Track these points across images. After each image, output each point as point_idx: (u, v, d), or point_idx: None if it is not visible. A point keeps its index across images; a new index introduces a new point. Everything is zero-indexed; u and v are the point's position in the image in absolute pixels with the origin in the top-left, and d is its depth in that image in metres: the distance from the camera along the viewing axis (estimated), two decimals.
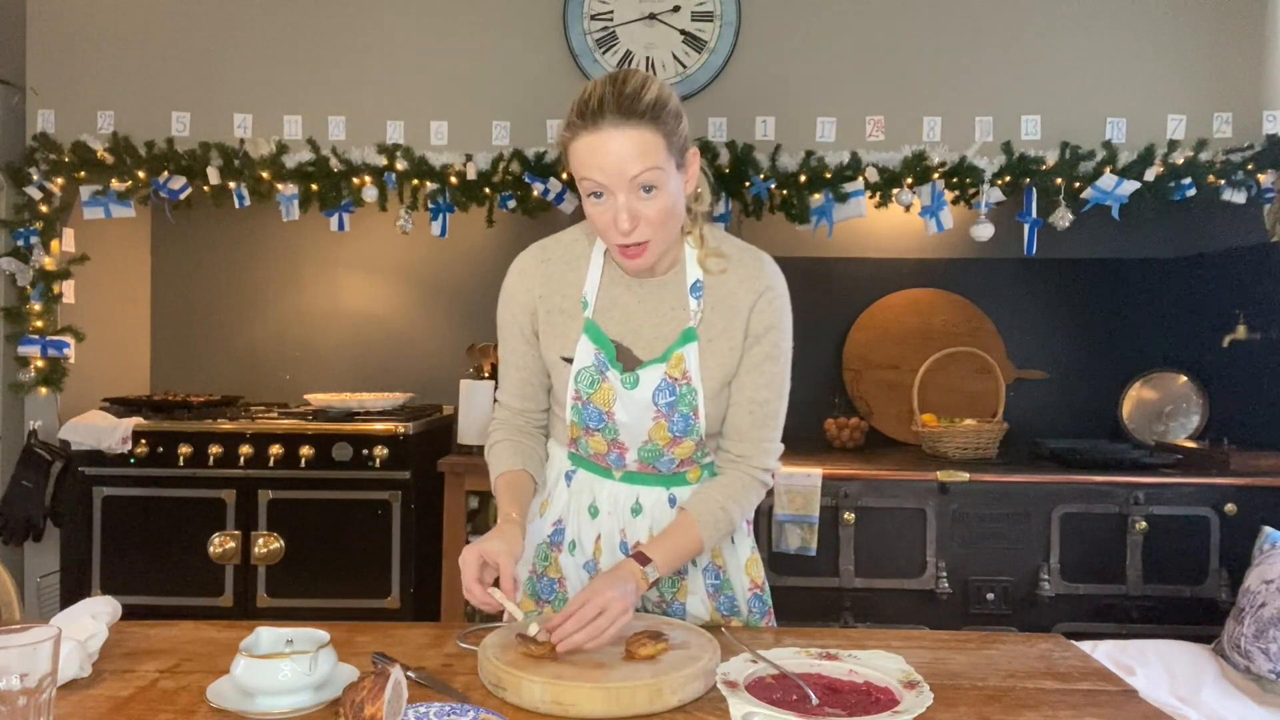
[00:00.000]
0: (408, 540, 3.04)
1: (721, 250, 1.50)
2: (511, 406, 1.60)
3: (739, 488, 1.50)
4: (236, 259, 3.74)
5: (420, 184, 3.18)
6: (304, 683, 1.15)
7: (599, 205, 1.36)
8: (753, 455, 1.51)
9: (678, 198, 1.40)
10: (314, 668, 1.16)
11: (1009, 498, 2.84)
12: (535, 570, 1.63)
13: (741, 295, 1.48)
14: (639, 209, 1.35)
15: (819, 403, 3.50)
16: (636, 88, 1.34)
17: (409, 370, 3.69)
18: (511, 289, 1.55)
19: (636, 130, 1.33)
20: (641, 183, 1.34)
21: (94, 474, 3.05)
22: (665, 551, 1.42)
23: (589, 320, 1.48)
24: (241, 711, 1.15)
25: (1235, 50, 3.18)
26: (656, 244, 1.40)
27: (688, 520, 1.46)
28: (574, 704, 1.15)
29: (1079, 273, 3.54)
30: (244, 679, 1.16)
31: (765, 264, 1.51)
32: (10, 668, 0.94)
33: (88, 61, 3.31)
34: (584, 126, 1.34)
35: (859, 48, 3.26)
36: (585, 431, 1.53)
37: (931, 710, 1.12)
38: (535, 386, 1.59)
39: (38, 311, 3.20)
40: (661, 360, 1.47)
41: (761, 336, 1.48)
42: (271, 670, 1.15)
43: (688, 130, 1.43)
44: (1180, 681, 2.30)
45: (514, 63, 3.30)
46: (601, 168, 1.33)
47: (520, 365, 1.57)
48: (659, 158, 1.34)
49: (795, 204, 3.12)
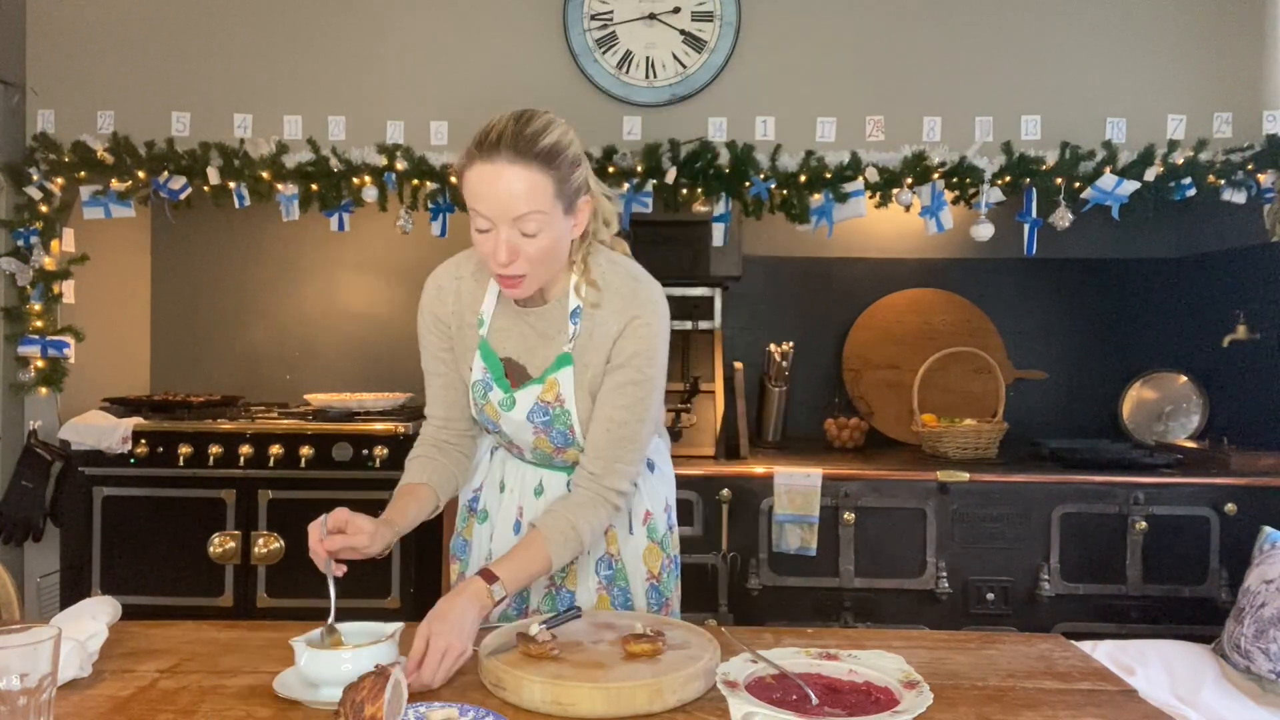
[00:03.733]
0: (408, 540, 3.03)
1: (601, 280, 1.54)
2: (436, 417, 1.68)
3: (589, 507, 1.53)
4: (236, 259, 3.74)
5: (420, 184, 3.18)
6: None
7: (483, 235, 1.42)
8: (604, 475, 1.54)
9: (560, 239, 1.45)
10: (375, 658, 1.19)
11: (1009, 498, 2.84)
12: (456, 529, 1.78)
13: (611, 323, 1.53)
14: (519, 244, 1.40)
15: (819, 403, 3.50)
16: (538, 129, 1.39)
17: (409, 370, 3.66)
18: (429, 301, 1.63)
19: (528, 170, 1.37)
20: (524, 224, 1.39)
21: (94, 474, 3.05)
22: (513, 569, 1.44)
23: (482, 339, 1.58)
24: (308, 701, 1.19)
25: (1235, 50, 3.18)
26: (532, 279, 1.46)
27: (537, 538, 1.49)
28: (574, 704, 1.15)
29: (1079, 273, 3.54)
30: (309, 670, 1.21)
31: (640, 292, 1.54)
32: (10, 668, 0.94)
33: (88, 61, 3.31)
34: (480, 156, 1.39)
35: (859, 48, 3.26)
36: (487, 431, 1.67)
37: (931, 710, 1.12)
38: (455, 393, 1.65)
39: (38, 311, 3.20)
40: (538, 382, 1.55)
41: (626, 362, 1.52)
42: (334, 661, 1.20)
43: (584, 177, 1.47)
44: (1180, 681, 2.30)
45: (514, 63, 3.29)
46: (488, 200, 1.38)
47: (440, 373, 1.65)
48: (544, 202, 1.39)
49: (795, 204, 3.12)
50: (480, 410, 1.61)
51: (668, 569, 1.70)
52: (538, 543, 1.48)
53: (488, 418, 1.61)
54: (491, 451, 1.74)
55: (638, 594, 1.67)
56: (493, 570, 1.42)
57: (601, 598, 1.65)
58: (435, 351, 1.64)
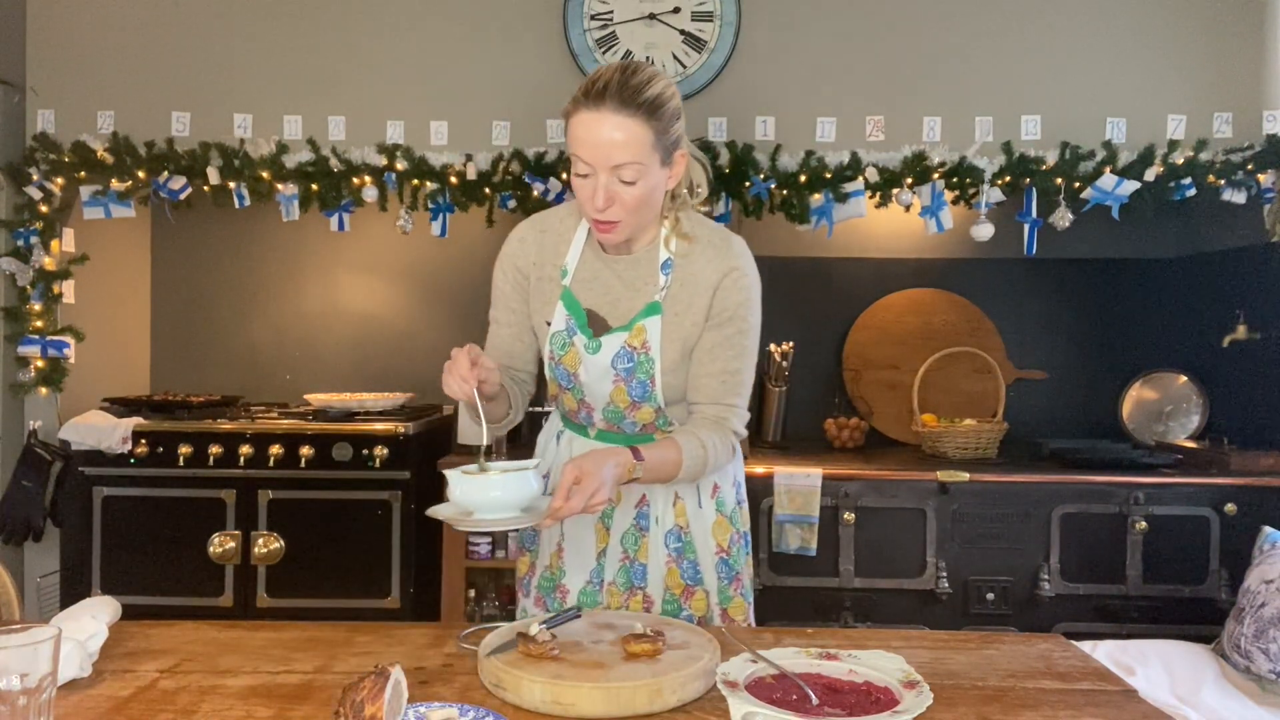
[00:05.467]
0: (408, 540, 3.05)
1: (692, 234, 1.61)
2: (496, 363, 1.66)
3: (717, 436, 1.59)
4: (236, 259, 3.74)
5: (420, 184, 3.18)
6: (514, 499, 1.36)
7: (582, 180, 1.48)
8: (728, 418, 1.61)
9: (656, 189, 1.51)
10: (520, 485, 1.36)
11: (1009, 498, 2.84)
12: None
13: (708, 273, 1.59)
14: (616, 191, 1.47)
15: (819, 403, 3.50)
16: (643, 80, 1.45)
17: (409, 370, 3.69)
18: (511, 254, 1.68)
19: (630, 120, 1.43)
20: (622, 172, 1.45)
21: (94, 474, 3.05)
22: (653, 456, 1.50)
23: (565, 288, 1.62)
24: (460, 524, 1.35)
25: (1235, 50, 3.18)
26: (626, 226, 1.52)
27: (670, 440, 1.55)
28: (574, 704, 1.15)
29: (1079, 273, 3.54)
30: (461, 496, 1.36)
31: (734, 244, 1.63)
32: (10, 668, 0.94)
33: (88, 61, 3.31)
34: (585, 104, 1.45)
35: (859, 48, 3.26)
36: (560, 390, 1.67)
37: (931, 710, 1.12)
38: (524, 345, 1.70)
39: (38, 311, 3.20)
40: (625, 329, 1.59)
41: (732, 314, 1.59)
42: (484, 486, 1.34)
43: (682, 131, 1.53)
44: (1180, 681, 2.30)
45: (514, 63, 3.30)
46: (589, 147, 1.45)
47: (510, 323, 1.69)
48: (643, 153, 1.45)
49: (795, 204, 3.12)
50: (557, 363, 1.63)
51: (737, 543, 1.72)
52: (672, 444, 1.53)
53: (564, 370, 1.63)
54: (557, 435, 1.75)
55: (707, 568, 1.68)
56: (640, 450, 1.48)
57: (671, 570, 1.67)
58: (509, 302, 1.68)
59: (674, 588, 1.67)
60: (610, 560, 1.68)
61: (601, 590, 1.68)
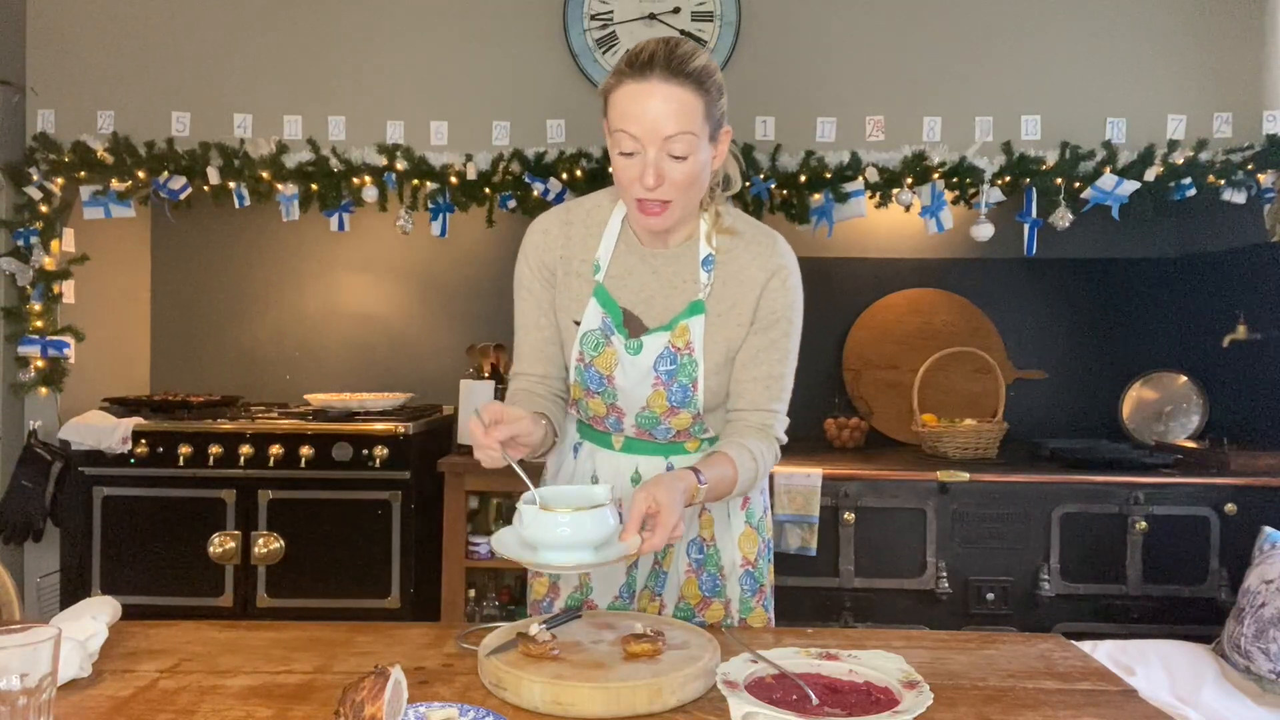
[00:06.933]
0: (408, 540, 3.04)
1: (735, 228, 1.52)
2: (531, 374, 1.58)
3: (764, 444, 1.51)
4: (236, 259, 3.74)
5: (420, 184, 3.18)
6: (588, 539, 1.25)
7: (628, 160, 1.39)
8: (771, 424, 1.53)
9: (705, 167, 1.42)
10: (595, 522, 1.24)
11: (1009, 498, 2.83)
12: None
13: (754, 272, 1.51)
14: (666, 169, 1.38)
15: (819, 403, 3.50)
16: (688, 51, 1.38)
17: (409, 370, 3.69)
18: (534, 247, 1.56)
19: (680, 90, 1.36)
20: (673, 145, 1.36)
21: (94, 474, 3.05)
22: (713, 477, 1.41)
23: (599, 285, 1.51)
24: (526, 561, 1.26)
25: (1235, 50, 3.18)
26: (677, 207, 1.42)
27: (724, 457, 1.45)
28: (574, 704, 1.15)
29: (1079, 273, 3.54)
30: (530, 532, 1.26)
31: (779, 243, 1.55)
32: (10, 668, 0.94)
33: (88, 61, 3.31)
34: (631, 75, 1.37)
35: (859, 48, 3.26)
36: (586, 393, 1.55)
37: (931, 710, 1.12)
38: (555, 349, 1.57)
39: (38, 311, 3.20)
40: (667, 329, 1.49)
41: (780, 317, 1.51)
42: (553, 524, 1.23)
43: (726, 107, 1.45)
44: (1180, 681, 2.30)
45: (514, 63, 3.30)
46: (638, 119, 1.35)
47: (541, 325, 1.56)
48: (694, 123, 1.37)
49: (795, 204, 3.12)
50: (589, 365, 1.51)
51: (763, 554, 1.66)
52: (725, 460, 1.44)
53: (596, 373, 1.51)
54: (575, 448, 1.64)
55: (730, 581, 1.62)
56: (698, 468, 1.40)
57: (690, 580, 1.61)
58: (538, 302, 1.55)
59: (690, 598, 1.61)
60: (643, 565, 1.62)
61: (633, 602, 1.62)
